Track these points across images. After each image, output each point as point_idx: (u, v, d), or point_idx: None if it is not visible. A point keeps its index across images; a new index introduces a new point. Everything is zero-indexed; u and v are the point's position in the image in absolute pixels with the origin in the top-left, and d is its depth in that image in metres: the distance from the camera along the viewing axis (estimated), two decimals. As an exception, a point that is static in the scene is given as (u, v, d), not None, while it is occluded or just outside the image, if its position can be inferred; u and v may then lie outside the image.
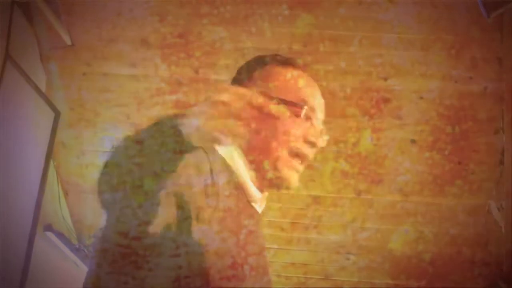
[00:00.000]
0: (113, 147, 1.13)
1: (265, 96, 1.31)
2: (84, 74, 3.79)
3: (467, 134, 3.67)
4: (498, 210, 3.64)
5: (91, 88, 3.85)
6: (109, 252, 1.08)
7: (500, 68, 3.43)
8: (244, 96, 1.07)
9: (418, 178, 3.86)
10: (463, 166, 3.75)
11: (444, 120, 3.65)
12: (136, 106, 3.87)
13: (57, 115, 3.68)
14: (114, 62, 3.74)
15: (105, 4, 3.55)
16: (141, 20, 3.56)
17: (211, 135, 1.02)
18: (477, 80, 3.51)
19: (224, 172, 1.26)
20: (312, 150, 1.33)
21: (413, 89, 3.61)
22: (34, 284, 3.50)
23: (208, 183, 1.17)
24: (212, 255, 1.12)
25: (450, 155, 3.72)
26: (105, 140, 4.03)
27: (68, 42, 3.63)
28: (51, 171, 3.83)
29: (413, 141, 3.71)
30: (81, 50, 3.70)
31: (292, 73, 1.38)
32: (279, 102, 1.31)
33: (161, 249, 1.08)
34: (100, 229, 1.15)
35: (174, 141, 1.04)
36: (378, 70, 3.58)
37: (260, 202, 1.34)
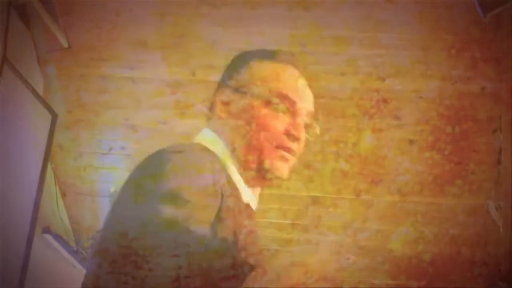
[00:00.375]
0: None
1: (248, 89, 1.31)
2: (81, 76, 3.79)
3: (467, 134, 3.66)
4: (496, 209, 3.64)
5: (89, 90, 3.84)
6: (109, 252, 1.08)
7: (499, 68, 3.43)
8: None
9: (418, 178, 3.85)
10: (463, 166, 3.75)
11: (444, 120, 3.65)
12: (135, 108, 3.87)
13: (54, 117, 3.68)
14: (113, 64, 3.73)
15: (104, 4, 3.55)
16: (141, 20, 3.56)
17: None
18: (476, 80, 3.51)
19: (224, 172, 1.26)
20: (295, 144, 1.32)
21: (412, 89, 3.61)
22: (32, 286, 3.50)
23: (208, 183, 1.17)
24: (212, 255, 1.12)
25: (450, 155, 3.72)
26: (102, 142, 4.02)
27: (65, 44, 3.62)
28: (49, 173, 3.82)
29: (411, 141, 3.71)
30: (79, 52, 3.69)
31: (274, 66, 1.37)
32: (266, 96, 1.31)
33: (161, 249, 1.08)
34: (100, 229, 1.15)
35: None
36: (378, 70, 3.58)
37: (253, 200, 1.33)
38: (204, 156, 1.25)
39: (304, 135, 1.33)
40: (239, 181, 1.29)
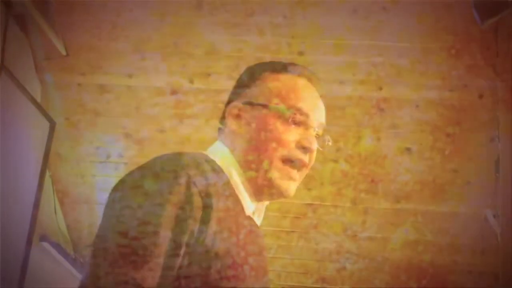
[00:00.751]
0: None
1: (264, 100, 1.31)
2: (79, 85, 3.78)
3: (464, 141, 3.67)
4: (494, 217, 3.64)
5: (87, 98, 3.83)
6: (109, 252, 1.08)
7: (499, 69, 3.44)
8: None
9: (417, 178, 3.86)
10: (460, 174, 3.76)
11: (444, 122, 3.65)
12: (132, 116, 3.86)
13: (52, 125, 3.67)
14: (111, 71, 3.72)
15: (104, 4, 3.55)
16: (141, 21, 3.56)
17: None
18: (476, 80, 3.52)
19: (224, 172, 1.26)
20: (306, 156, 1.32)
21: (412, 89, 3.61)
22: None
23: (209, 183, 1.17)
24: (212, 255, 1.12)
25: (448, 161, 3.72)
26: (100, 150, 4.01)
27: (63, 52, 3.61)
28: (47, 181, 3.81)
29: (408, 149, 3.72)
30: (77, 59, 3.68)
31: (287, 79, 1.37)
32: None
33: (161, 249, 1.08)
34: (100, 229, 1.15)
35: None
36: (378, 70, 3.58)
37: (257, 214, 1.33)
38: (204, 157, 1.26)
39: (316, 146, 1.34)
40: (243, 193, 1.28)
